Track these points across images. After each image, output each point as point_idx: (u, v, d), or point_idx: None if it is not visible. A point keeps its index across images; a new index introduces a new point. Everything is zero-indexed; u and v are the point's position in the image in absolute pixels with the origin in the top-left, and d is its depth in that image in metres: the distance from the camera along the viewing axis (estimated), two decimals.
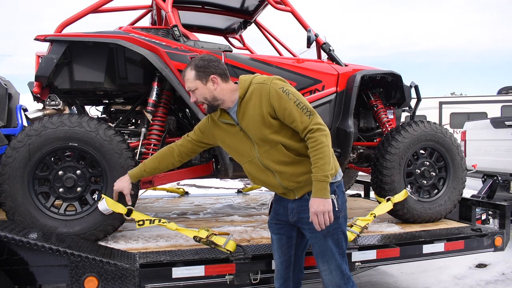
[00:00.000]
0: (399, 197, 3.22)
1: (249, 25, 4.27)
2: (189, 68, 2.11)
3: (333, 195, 2.04)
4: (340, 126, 3.37)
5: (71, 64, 2.96)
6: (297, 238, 2.27)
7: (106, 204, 2.59)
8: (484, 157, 6.19)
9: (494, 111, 11.35)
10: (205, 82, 2.08)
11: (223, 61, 3.01)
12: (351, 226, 2.87)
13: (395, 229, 3.27)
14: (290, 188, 2.12)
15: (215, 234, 2.54)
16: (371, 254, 2.83)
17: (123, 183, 2.50)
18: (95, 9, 3.19)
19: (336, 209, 2.06)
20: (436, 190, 3.51)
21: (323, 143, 1.96)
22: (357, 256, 2.77)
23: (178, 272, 2.40)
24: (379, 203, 3.31)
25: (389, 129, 3.69)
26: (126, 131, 3.42)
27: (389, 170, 3.28)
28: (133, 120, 3.74)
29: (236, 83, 2.14)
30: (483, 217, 4.34)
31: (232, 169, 3.11)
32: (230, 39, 4.49)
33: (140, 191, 3.01)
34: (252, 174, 2.22)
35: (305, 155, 2.05)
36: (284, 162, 2.08)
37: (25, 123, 3.52)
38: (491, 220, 4.45)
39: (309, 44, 3.40)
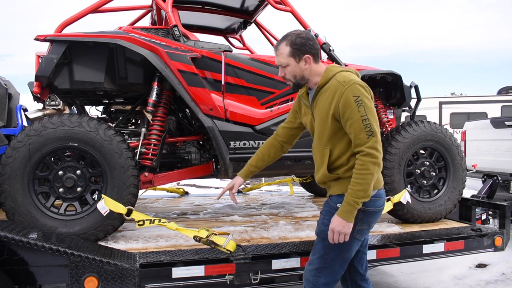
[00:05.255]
0: (399, 197, 3.22)
1: (249, 25, 4.27)
2: (284, 43, 2.06)
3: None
4: None
5: (71, 64, 2.96)
6: None
7: (105, 204, 2.59)
8: (484, 157, 6.18)
9: (494, 111, 11.34)
10: (298, 60, 2.05)
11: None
12: None
13: (395, 229, 3.27)
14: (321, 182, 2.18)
15: (215, 234, 2.53)
16: (371, 254, 2.83)
17: (236, 180, 2.44)
18: (95, 9, 3.19)
19: None
20: (436, 190, 3.51)
21: (368, 170, 1.92)
22: None
23: (178, 272, 2.40)
24: None
25: (389, 129, 3.69)
26: (126, 131, 3.43)
27: (389, 170, 3.27)
28: (133, 120, 3.74)
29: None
30: (483, 217, 4.33)
31: (232, 169, 3.11)
32: (230, 39, 4.49)
33: (140, 191, 3.01)
34: None
35: (339, 167, 2.06)
36: (324, 161, 2.11)
37: (25, 123, 3.52)
38: (491, 220, 4.45)
39: None
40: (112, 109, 3.61)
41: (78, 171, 2.70)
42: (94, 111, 3.76)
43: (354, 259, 2.25)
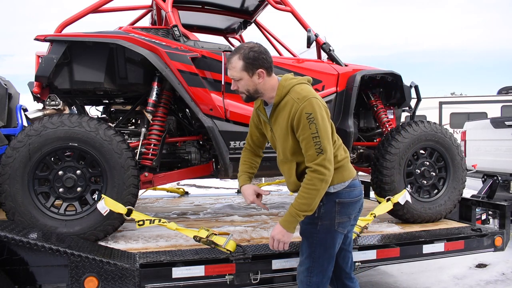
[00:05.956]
0: (399, 197, 3.22)
1: (249, 25, 4.27)
2: (236, 56, 2.04)
3: (320, 202, 2.05)
4: (340, 126, 3.37)
5: (71, 64, 2.96)
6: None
7: (105, 204, 2.59)
8: (484, 157, 6.18)
9: (494, 111, 11.34)
10: (251, 74, 2.05)
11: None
12: None
13: (395, 229, 3.26)
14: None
15: (215, 234, 2.54)
16: (371, 254, 2.83)
17: (248, 189, 2.24)
18: (95, 9, 3.19)
19: (315, 215, 2.08)
20: (436, 190, 3.51)
21: (314, 186, 1.96)
22: (357, 256, 2.76)
23: (178, 272, 2.40)
24: (379, 203, 3.31)
25: (389, 129, 3.69)
26: (126, 131, 3.43)
27: (389, 170, 3.27)
28: (133, 120, 3.74)
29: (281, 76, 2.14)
30: (483, 217, 4.34)
31: (232, 169, 3.11)
32: (230, 39, 4.49)
33: (140, 191, 3.01)
34: None
35: None
36: (291, 174, 2.15)
37: (25, 123, 3.52)
38: (491, 220, 4.45)
39: (309, 44, 3.39)
40: (112, 109, 3.61)
41: (78, 171, 2.70)
42: (94, 111, 3.76)
43: (338, 257, 2.25)
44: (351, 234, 2.32)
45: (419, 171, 3.42)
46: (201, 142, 3.59)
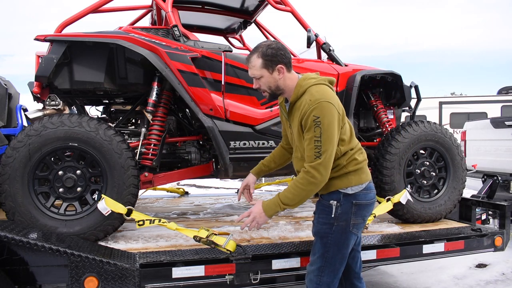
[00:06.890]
0: (399, 197, 3.22)
1: (249, 25, 4.27)
2: (255, 55, 2.10)
3: (335, 202, 2.09)
4: None
5: (71, 64, 2.96)
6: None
7: (105, 204, 2.59)
8: (484, 157, 6.18)
9: (494, 111, 11.34)
10: (271, 71, 2.09)
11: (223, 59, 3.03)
12: None
13: (395, 229, 3.26)
14: None
15: (215, 234, 2.53)
16: (371, 254, 2.83)
17: (249, 178, 2.52)
18: (95, 9, 3.19)
19: (332, 215, 2.10)
20: (436, 190, 3.51)
21: (302, 185, 2.01)
22: None
23: (178, 272, 2.40)
24: (379, 203, 3.31)
25: (389, 129, 3.69)
26: (126, 131, 3.43)
27: (389, 170, 3.27)
28: (133, 120, 3.74)
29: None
30: (483, 217, 4.33)
31: (232, 169, 3.11)
32: (230, 39, 4.49)
33: (140, 191, 3.01)
34: None
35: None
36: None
37: (25, 123, 3.52)
38: (491, 220, 4.45)
39: (309, 44, 3.40)
40: (112, 109, 3.61)
41: (78, 171, 2.70)
42: (94, 111, 3.76)
43: (348, 258, 2.26)
44: (360, 234, 2.34)
45: (419, 171, 3.42)
46: (201, 142, 3.58)
